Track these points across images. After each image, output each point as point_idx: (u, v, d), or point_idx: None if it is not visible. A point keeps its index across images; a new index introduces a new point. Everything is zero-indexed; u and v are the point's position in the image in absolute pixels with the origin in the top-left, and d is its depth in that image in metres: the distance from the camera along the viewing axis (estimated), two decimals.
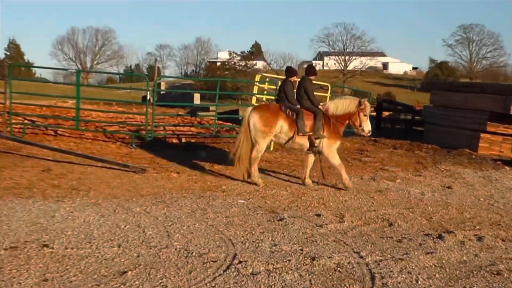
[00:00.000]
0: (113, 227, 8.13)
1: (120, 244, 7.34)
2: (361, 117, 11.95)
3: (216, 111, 18.59)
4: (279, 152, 16.83)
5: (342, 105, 12.03)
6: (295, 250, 7.43)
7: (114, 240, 7.49)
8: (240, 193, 11.05)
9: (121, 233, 7.83)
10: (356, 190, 12.07)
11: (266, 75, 22.00)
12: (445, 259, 7.46)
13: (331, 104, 12.16)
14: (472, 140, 20.56)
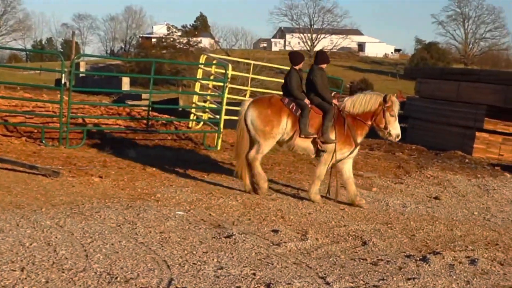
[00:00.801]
0: (16, 245, 8.01)
1: (23, 267, 7.24)
2: (387, 118, 11.75)
3: (150, 100, 18.47)
4: (229, 152, 16.84)
5: (361, 102, 11.87)
6: (246, 275, 7.45)
7: (16, 262, 7.37)
8: (178, 203, 11.03)
9: (25, 253, 7.72)
10: (323, 200, 12.18)
11: (213, 56, 22.00)
12: (430, 286, 7.58)
13: (349, 100, 12.01)
14: (466, 140, 20.99)
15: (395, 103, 11.73)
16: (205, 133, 17.58)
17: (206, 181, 13.09)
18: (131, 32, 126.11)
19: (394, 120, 11.77)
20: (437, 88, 22.94)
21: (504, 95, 19.83)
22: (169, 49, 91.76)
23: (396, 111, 11.76)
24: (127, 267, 7.44)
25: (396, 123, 11.83)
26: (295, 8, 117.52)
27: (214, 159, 15.66)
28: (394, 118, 11.75)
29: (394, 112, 11.72)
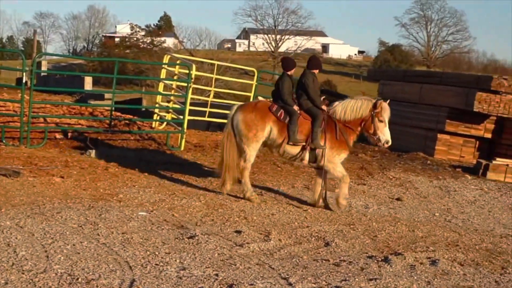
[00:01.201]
0: None
1: None
2: (376, 123, 11.68)
3: (112, 100, 18.38)
4: (193, 152, 16.82)
5: (352, 108, 11.81)
6: (209, 275, 7.45)
7: None
8: (141, 203, 10.99)
9: None
10: (286, 201, 12.22)
11: (177, 56, 21.95)
12: (392, 287, 7.66)
13: (339, 106, 11.94)
14: (428, 142, 21.21)
15: (384, 109, 11.64)
16: (169, 133, 17.53)
17: (169, 182, 13.06)
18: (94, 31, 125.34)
19: (384, 126, 11.67)
20: (400, 90, 23.13)
21: (465, 97, 20.07)
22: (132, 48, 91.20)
23: (385, 117, 11.64)
24: (89, 268, 7.39)
25: (386, 129, 11.71)
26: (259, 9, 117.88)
27: (177, 160, 15.62)
28: (383, 124, 11.65)
29: (384, 118, 11.61)
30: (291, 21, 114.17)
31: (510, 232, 11.43)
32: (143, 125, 18.97)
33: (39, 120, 17.39)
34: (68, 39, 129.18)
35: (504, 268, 8.97)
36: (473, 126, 20.81)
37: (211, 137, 19.27)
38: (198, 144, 17.94)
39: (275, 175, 14.92)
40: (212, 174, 14.16)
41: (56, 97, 27.42)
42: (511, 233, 11.35)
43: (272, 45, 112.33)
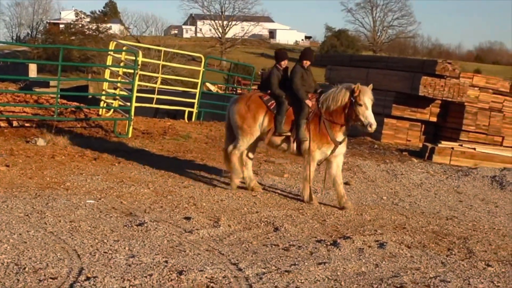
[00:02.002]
0: None
1: None
2: (357, 108, 11.04)
3: (58, 87, 18.11)
4: (140, 139, 16.71)
5: (333, 97, 11.33)
6: (158, 262, 7.43)
7: None
8: (89, 191, 10.89)
9: None
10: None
11: (122, 43, 21.78)
12: (341, 270, 7.73)
13: (322, 97, 11.53)
14: None
15: (362, 91, 11.06)
16: (116, 120, 17.39)
17: (117, 169, 12.96)
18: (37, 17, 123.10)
19: (365, 109, 11.01)
20: (346, 75, 23.25)
21: (411, 82, 20.30)
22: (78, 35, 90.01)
23: (364, 100, 11.02)
24: (36, 257, 7.31)
25: (368, 112, 11.02)
26: None
27: (125, 147, 15.50)
28: (363, 107, 11.01)
29: (362, 101, 10.99)
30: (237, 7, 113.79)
31: (455, 214, 11.62)
32: (90, 113, 18.78)
33: None
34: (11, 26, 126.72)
35: (450, 249, 9.12)
36: (419, 110, 21.08)
37: (159, 123, 19.19)
38: (146, 131, 17.84)
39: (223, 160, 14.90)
40: (160, 160, 14.12)
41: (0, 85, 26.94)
42: (456, 215, 11.53)
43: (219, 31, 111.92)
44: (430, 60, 22.51)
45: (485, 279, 7.81)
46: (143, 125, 18.50)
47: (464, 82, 20.05)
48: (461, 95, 19.74)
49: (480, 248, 9.30)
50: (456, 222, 10.99)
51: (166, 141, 16.83)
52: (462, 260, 8.59)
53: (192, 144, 16.88)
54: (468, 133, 20.09)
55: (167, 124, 19.13)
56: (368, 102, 11.06)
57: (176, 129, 18.64)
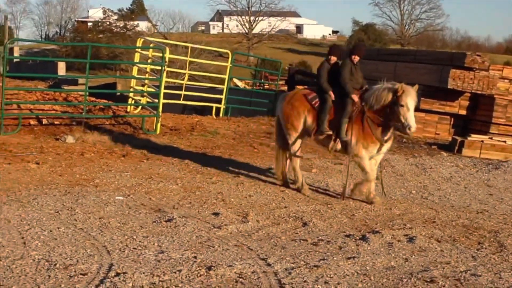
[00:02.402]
0: None
1: None
2: (398, 109, 10.52)
3: (86, 85, 18.23)
4: (169, 135, 16.76)
5: (377, 96, 10.88)
6: (187, 258, 7.45)
7: None
8: (118, 188, 10.95)
9: None
10: (263, 182, 12.23)
11: (150, 40, 21.85)
12: (370, 265, 7.70)
13: (367, 94, 11.09)
14: None
15: (406, 92, 10.49)
16: (144, 117, 17.46)
17: (146, 166, 13.02)
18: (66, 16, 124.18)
19: (406, 111, 10.45)
20: (374, 69, 23.13)
21: (439, 75, 20.15)
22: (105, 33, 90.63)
23: (407, 101, 10.45)
24: (66, 253, 7.37)
25: (409, 114, 10.48)
26: None
27: (153, 143, 15.56)
28: (405, 108, 10.44)
29: (405, 102, 10.42)
30: (264, 2, 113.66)
31: (486, 208, 11.52)
32: (118, 110, 18.89)
33: (12, 106, 17.24)
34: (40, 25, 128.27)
35: (481, 243, 9.04)
36: (448, 103, 20.91)
37: (187, 120, 19.24)
38: (174, 127, 17.90)
39: (251, 156, 14.92)
40: (188, 156, 14.15)
41: (30, 83, 27.21)
42: (487, 209, 11.43)
43: (246, 27, 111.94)
44: (459, 53, 22.30)
45: None
46: (171, 121, 18.56)
47: (493, 75, 19.86)
48: (490, 88, 19.56)
49: (511, 241, 9.20)
50: (487, 215, 10.89)
51: (194, 137, 16.87)
52: (493, 254, 8.51)
53: (220, 140, 16.91)
54: (498, 126, 19.89)
55: (194, 120, 19.18)
56: (411, 104, 10.49)
57: (204, 125, 18.69)
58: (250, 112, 22.75)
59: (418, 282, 7.17)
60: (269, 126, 19.99)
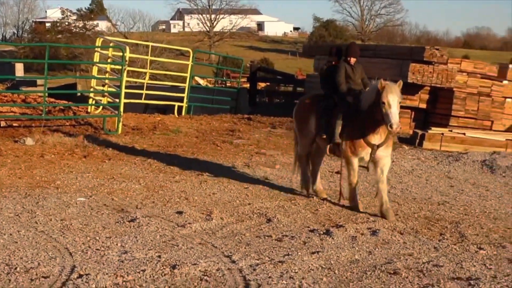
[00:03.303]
0: None
1: None
2: (380, 106, 9.78)
3: (45, 86, 18.03)
4: (130, 135, 16.66)
5: (364, 95, 10.37)
6: (151, 258, 7.42)
7: None
8: (79, 189, 10.87)
9: None
10: (227, 180, 12.21)
11: (109, 39, 21.69)
12: (334, 259, 7.74)
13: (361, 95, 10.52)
14: None
15: (386, 89, 9.79)
16: (105, 117, 17.33)
17: (108, 166, 12.93)
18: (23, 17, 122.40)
19: (388, 108, 9.67)
20: None
21: (399, 69, 20.27)
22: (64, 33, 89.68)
23: (388, 97, 9.69)
24: (27, 256, 7.29)
25: (390, 111, 9.66)
26: None
27: (115, 144, 15.44)
28: (386, 105, 9.68)
29: (386, 99, 9.67)
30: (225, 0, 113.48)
31: (447, 199, 11.63)
32: (79, 110, 18.72)
33: None
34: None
35: (442, 234, 9.13)
36: (408, 97, 21.01)
37: (149, 119, 19.14)
38: (136, 127, 17.80)
39: (214, 154, 14.89)
40: (150, 156, 14.08)
41: None
42: (448, 200, 11.54)
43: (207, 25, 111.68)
44: (418, 47, 22.48)
45: (477, 262, 7.83)
46: (133, 121, 18.45)
47: (452, 68, 20.05)
48: (449, 81, 19.73)
49: (471, 231, 9.32)
50: (448, 207, 11.00)
51: (156, 136, 16.79)
52: (455, 244, 8.60)
53: (183, 138, 16.84)
54: (458, 118, 20.08)
55: (157, 119, 19.09)
56: (392, 100, 9.71)
57: (166, 124, 18.60)
58: (212, 110, 22.72)
59: (381, 274, 7.23)
60: (231, 124, 19.98)
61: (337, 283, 6.94)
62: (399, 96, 9.89)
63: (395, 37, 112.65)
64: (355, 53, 11.04)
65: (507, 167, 14.83)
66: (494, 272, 7.46)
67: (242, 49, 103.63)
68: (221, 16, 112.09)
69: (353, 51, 11.06)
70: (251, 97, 27.61)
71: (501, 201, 11.75)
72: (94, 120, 17.75)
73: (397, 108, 9.77)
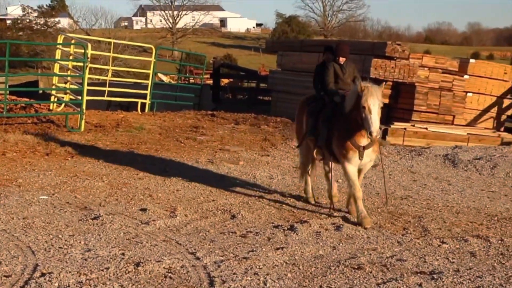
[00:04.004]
0: None
1: None
2: (360, 111, 9.07)
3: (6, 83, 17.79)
4: (93, 132, 16.52)
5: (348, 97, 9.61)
6: (115, 255, 7.36)
7: None
8: (42, 187, 10.75)
9: None
10: (191, 176, 12.18)
11: (71, 36, 21.51)
12: (298, 254, 7.76)
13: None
14: None
15: (366, 92, 9.01)
16: (67, 114, 17.16)
17: (71, 164, 12.81)
18: None
19: (368, 113, 8.94)
20: (298, 60, 23.28)
21: (362, 64, 20.33)
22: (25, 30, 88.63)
23: (368, 102, 8.94)
24: None
25: (371, 116, 8.94)
26: None
27: (77, 141, 15.30)
28: (366, 110, 8.96)
29: (366, 104, 8.93)
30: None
31: (410, 194, 11.72)
32: (41, 108, 18.51)
33: None
34: None
35: (406, 228, 9.20)
36: None
37: (112, 116, 18.99)
38: (99, 124, 17.65)
39: (178, 151, 14.84)
40: (114, 153, 13.99)
41: None
42: (411, 195, 11.63)
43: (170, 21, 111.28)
44: (380, 42, 22.59)
45: (440, 256, 7.90)
46: (96, 118, 18.29)
47: (414, 63, 20.18)
48: (411, 76, 19.86)
49: (434, 226, 9.40)
50: (411, 201, 11.09)
51: (120, 134, 16.67)
52: (418, 239, 8.68)
53: (146, 135, 16.75)
54: (420, 113, 20.21)
55: (120, 116, 18.95)
56: (372, 105, 8.95)
57: (129, 121, 18.48)
58: (176, 106, 22.62)
59: (346, 269, 7.26)
60: (195, 120, 19.92)
61: (301, 279, 6.95)
62: (380, 100, 9.07)
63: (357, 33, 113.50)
64: (344, 52, 10.45)
65: (468, 161, 15.00)
66: (456, 266, 7.53)
67: (205, 46, 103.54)
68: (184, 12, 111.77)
69: (341, 50, 10.46)
70: (215, 93, 27.60)
71: (463, 195, 11.87)
72: (56, 118, 17.57)
73: (377, 113, 8.99)
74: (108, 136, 16.26)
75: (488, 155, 15.39)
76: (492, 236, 8.87)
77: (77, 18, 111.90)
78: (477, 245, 8.40)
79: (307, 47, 24.47)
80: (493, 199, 11.65)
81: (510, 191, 12.53)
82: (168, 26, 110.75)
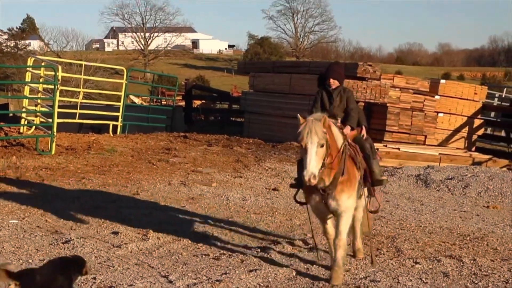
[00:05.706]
0: None
1: None
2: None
3: None
4: (64, 155, 16.40)
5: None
6: (86, 279, 7.28)
7: None
8: (12, 211, 10.63)
9: None
10: (163, 198, 12.12)
11: (41, 58, 21.40)
12: (272, 276, 7.73)
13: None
14: None
15: (302, 128, 7.61)
16: (38, 137, 17.03)
17: (41, 187, 12.68)
18: None
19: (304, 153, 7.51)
20: (270, 81, 23.37)
21: None
22: None
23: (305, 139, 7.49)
24: None
25: (306, 156, 7.44)
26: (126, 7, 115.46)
27: (48, 164, 15.16)
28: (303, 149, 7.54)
29: (304, 141, 7.50)
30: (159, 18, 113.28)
31: (383, 214, 11.73)
32: (11, 131, 18.34)
33: None
34: None
35: (379, 249, 9.22)
36: None
37: (83, 138, 18.87)
38: (70, 146, 17.52)
39: (150, 173, 14.76)
40: (85, 175, 13.89)
41: None
42: (384, 215, 11.65)
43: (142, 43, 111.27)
44: (352, 63, 22.74)
45: (413, 276, 7.92)
46: (67, 141, 18.17)
47: (385, 84, 20.33)
48: (383, 96, 20.01)
49: (407, 246, 9.43)
50: (384, 221, 11.12)
51: (91, 156, 16.56)
52: (391, 259, 8.70)
53: (118, 157, 16.66)
54: (392, 133, 20.34)
55: (91, 139, 18.84)
56: (311, 143, 7.46)
57: (101, 143, 18.38)
58: (148, 128, 22.55)
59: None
60: (167, 142, 19.87)
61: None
62: (320, 137, 7.47)
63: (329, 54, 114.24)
64: (334, 72, 9.03)
65: (441, 181, 15.09)
66: (430, 286, 7.56)
67: (177, 67, 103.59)
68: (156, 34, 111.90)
69: (331, 70, 9.08)
70: (187, 115, 27.55)
71: (436, 215, 11.93)
72: (26, 141, 17.41)
73: (315, 153, 7.38)
74: (80, 158, 16.14)
75: (460, 175, 15.48)
76: (464, 256, 8.91)
77: (48, 40, 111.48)
78: (450, 265, 8.43)
79: (279, 68, 24.59)
80: (465, 218, 11.73)
81: (482, 210, 12.64)
82: (140, 48, 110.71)
